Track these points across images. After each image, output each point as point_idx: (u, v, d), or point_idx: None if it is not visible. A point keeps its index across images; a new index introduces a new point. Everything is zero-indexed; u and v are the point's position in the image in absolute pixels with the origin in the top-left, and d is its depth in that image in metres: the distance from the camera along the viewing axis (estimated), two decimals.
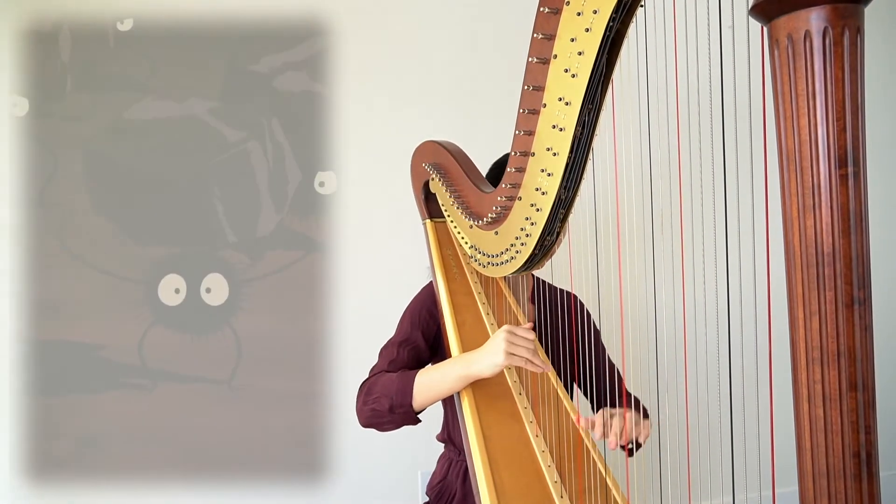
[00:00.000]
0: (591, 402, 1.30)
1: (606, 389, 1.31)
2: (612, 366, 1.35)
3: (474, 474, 1.03)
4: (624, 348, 1.15)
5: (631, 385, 1.26)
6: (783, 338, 0.58)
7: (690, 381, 0.98)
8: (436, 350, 1.28)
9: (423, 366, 1.26)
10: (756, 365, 0.84)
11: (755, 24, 0.55)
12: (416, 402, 1.10)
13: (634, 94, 0.89)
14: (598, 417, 1.04)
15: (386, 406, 1.11)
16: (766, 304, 0.79)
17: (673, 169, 0.87)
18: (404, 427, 1.16)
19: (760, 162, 0.66)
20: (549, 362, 1.23)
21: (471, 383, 1.12)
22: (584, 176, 0.94)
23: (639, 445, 1.10)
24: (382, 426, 1.15)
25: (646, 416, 1.16)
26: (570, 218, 1.03)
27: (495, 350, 1.04)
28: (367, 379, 1.19)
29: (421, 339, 1.25)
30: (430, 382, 1.10)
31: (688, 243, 0.89)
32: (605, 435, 1.02)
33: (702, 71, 0.79)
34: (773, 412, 0.73)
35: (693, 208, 0.92)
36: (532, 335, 1.05)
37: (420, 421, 1.16)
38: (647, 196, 1.06)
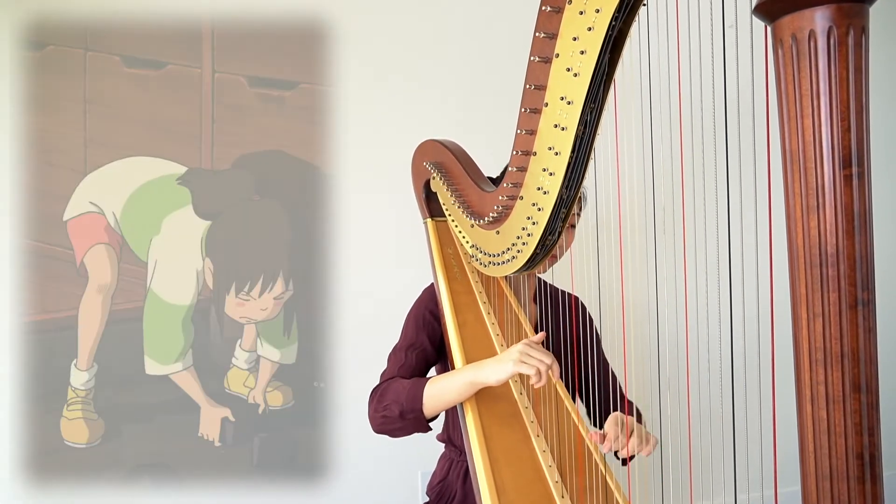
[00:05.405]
0: (589, 408, 1.30)
1: (606, 396, 1.31)
2: (613, 376, 1.35)
3: (475, 474, 1.03)
4: (626, 348, 1.15)
5: (633, 385, 1.25)
6: (786, 339, 0.58)
7: (693, 382, 0.98)
8: (442, 352, 1.28)
9: (430, 367, 1.27)
10: (758, 366, 0.83)
11: (759, 24, 0.55)
12: (427, 408, 1.11)
13: (637, 93, 0.88)
14: (609, 429, 1.03)
15: (396, 412, 1.11)
16: (769, 304, 0.79)
17: (675, 169, 0.86)
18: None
19: (764, 162, 0.66)
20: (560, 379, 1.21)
21: None
22: (586, 175, 0.94)
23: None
24: (394, 432, 1.16)
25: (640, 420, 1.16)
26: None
27: (506, 359, 1.04)
28: (378, 385, 1.20)
29: (427, 342, 1.25)
30: (440, 389, 1.11)
31: (690, 243, 0.88)
32: (612, 448, 1.03)
33: (705, 70, 0.78)
34: (775, 413, 0.73)
35: (695, 209, 0.91)
36: (548, 354, 1.03)
37: (431, 429, 1.15)
38: (649, 196, 1.05)
